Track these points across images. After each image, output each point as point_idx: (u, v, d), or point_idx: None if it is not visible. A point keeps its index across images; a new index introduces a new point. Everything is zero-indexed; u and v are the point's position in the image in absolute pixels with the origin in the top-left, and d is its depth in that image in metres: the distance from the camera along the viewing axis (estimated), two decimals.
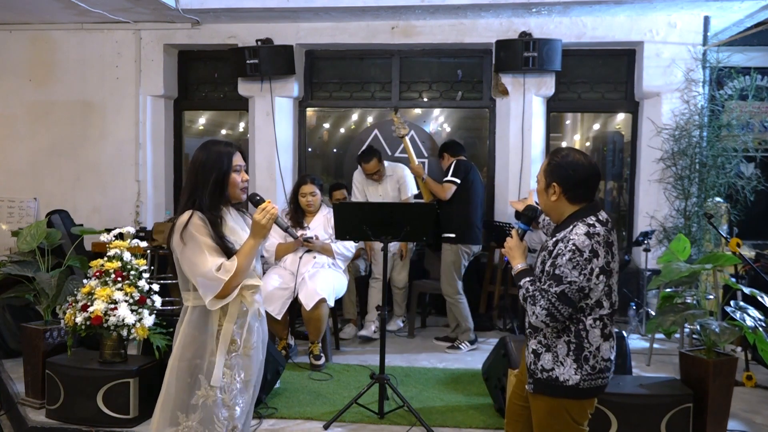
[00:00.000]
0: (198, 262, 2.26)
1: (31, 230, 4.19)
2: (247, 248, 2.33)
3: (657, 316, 3.81)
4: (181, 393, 2.33)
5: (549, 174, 2.34)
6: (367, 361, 4.87)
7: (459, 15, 6.05)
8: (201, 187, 2.36)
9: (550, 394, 2.30)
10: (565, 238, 2.23)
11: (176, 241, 2.31)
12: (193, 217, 2.30)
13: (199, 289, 2.29)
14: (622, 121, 6.87)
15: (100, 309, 3.47)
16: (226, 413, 2.35)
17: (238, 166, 2.42)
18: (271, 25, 6.35)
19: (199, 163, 2.39)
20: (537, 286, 2.26)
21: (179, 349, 2.35)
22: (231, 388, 2.36)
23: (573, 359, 2.27)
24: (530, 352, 2.35)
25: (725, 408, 3.42)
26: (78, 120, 6.71)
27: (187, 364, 2.33)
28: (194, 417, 2.31)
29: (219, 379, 2.32)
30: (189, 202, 2.36)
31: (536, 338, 2.33)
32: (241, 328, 2.38)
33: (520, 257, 2.40)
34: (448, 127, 7.14)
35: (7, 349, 4.77)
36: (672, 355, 4.78)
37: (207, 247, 2.28)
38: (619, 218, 6.76)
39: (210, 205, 2.35)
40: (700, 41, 5.93)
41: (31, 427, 3.68)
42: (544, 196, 2.36)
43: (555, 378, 2.28)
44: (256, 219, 2.34)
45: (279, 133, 6.50)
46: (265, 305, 4.64)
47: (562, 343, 2.28)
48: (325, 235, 4.96)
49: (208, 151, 2.41)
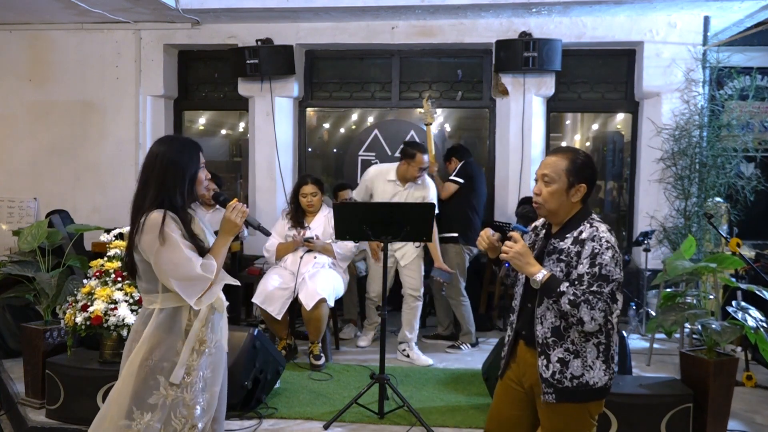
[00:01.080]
0: (181, 262, 2.22)
1: (32, 230, 4.19)
2: (219, 246, 2.32)
3: (658, 316, 3.81)
4: (140, 392, 2.28)
5: (574, 174, 2.26)
6: (367, 361, 4.87)
7: (459, 15, 6.05)
8: (171, 186, 2.29)
9: (579, 400, 2.23)
10: (596, 237, 2.19)
11: (149, 241, 2.24)
12: (166, 217, 2.25)
13: (180, 290, 2.24)
14: (622, 121, 6.87)
15: (100, 309, 3.46)
16: (185, 412, 2.31)
17: (202, 163, 2.40)
18: (271, 25, 6.35)
19: (168, 161, 2.31)
20: (583, 290, 2.14)
21: (144, 352, 2.28)
22: (193, 387, 2.32)
23: (602, 360, 2.23)
24: (554, 362, 2.23)
25: (725, 408, 3.42)
26: (78, 120, 6.71)
27: (151, 367, 2.28)
28: (152, 416, 2.27)
29: (179, 377, 2.28)
30: (158, 200, 2.29)
31: (562, 346, 2.22)
32: (210, 328, 2.36)
33: (535, 263, 2.24)
34: (449, 127, 7.14)
35: (7, 349, 4.76)
36: (672, 355, 4.78)
37: (186, 246, 2.25)
38: (619, 218, 6.76)
39: (182, 204, 2.31)
40: (700, 41, 5.93)
41: (31, 427, 3.67)
42: (564, 196, 2.26)
43: (585, 383, 2.21)
44: (226, 217, 2.33)
45: (279, 133, 6.50)
46: (265, 305, 4.69)
47: (591, 346, 2.22)
48: (325, 235, 4.96)
49: (176, 149, 2.35)
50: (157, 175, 2.31)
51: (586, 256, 2.18)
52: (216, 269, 2.27)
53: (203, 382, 2.35)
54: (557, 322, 2.23)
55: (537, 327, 2.27)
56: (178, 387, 2.29)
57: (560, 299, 2.16)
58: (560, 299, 2.16)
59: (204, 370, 2.35)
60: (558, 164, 2.28)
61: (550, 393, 2.23)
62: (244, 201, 6.98)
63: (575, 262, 2.20)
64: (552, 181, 2.27)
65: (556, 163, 2.28)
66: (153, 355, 2.29)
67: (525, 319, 2.36)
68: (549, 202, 2.28)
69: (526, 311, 2.35)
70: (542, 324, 2.26)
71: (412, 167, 4.82)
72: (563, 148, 2.38)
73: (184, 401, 2.31)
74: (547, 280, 2.19)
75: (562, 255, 2.24)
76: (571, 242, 2.24)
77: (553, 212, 2.30)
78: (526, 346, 2.37)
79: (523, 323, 2.37)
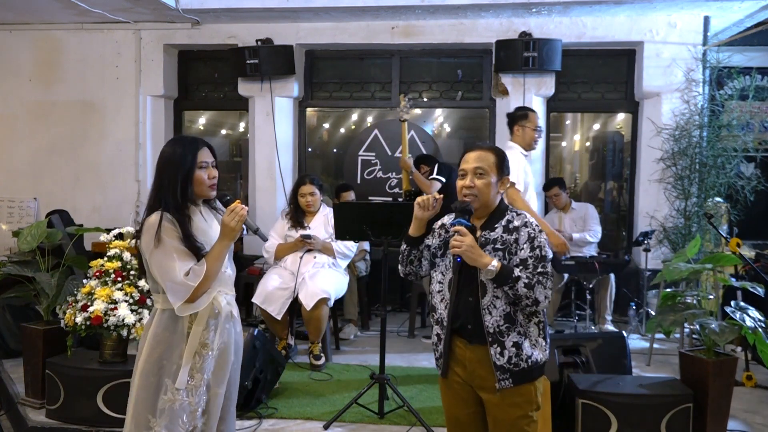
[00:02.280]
0: (167, 267, 2.22)
1: (31, 230, 4.19)
2: (216, 251, 2.29)
3: (657, 316, 3.81)
4: (150, 396, 2.29)
5: (500, 167, 2.40)
6: (367, 361, 4.87)
7: (459, 15, 6.06)
8: (166, 186, 2.30)
9: (532, 379, 2.32)
10: (528, 223, 2.34)
11: (146, 243, 2.26)
12: (163, 219, 2.25)
13: (168, 294, 2.24)
14: (622, 121, 6.87)
15: (100, 309, 3.47)
16: (190, 417, 2.30)
17: (204, 162, 2.34)
18: (271, 25, 6.35)
19: (164, 161, 2.32)
20: (531, 272, 2.26)
21: (147, 351, 2.30)
22: (197, 391, 2.31)
23: (542, 337, 2.36)
24: (509, 347, 2.28)
25: (725, 408, 3.42)
26: (78, 120, 6.71)
27: (153, 366, 2.29)
28: (161, 421, 2.27)
29: (184, 382, 2.27)
30: (156, 202, 2.30)
31: (515, 330, 2.29)
32: (212, 331, 2.34)
33: (485, 254, 2.28)
34: (448, 127, 7.14)
35: (7, 349, 4.76)
36: (672, 355, 4.78)
37: (176, 251, 2.23)
38: (619, 218, 6.76)
39: (176, 204, 2.29)
40: (700, 41, 5.93)
41: (31, 427, 3.67)
42: (494, 188, 2.38)
43: (535, 361, 2.31)
44: (224, 221, 2.29)
45: (279, 133, 6.50)
46: (265, 305, 4.69)
47: (533, 325, 2.33)
48: (325, 235, 4.96)
49: (173, 149, 2.34)
50: (156, 176, 2.35)
51: (524, 241, 2.31)
52: (205, 276, 2.23)
53: (206, 384, 2.35)
54: (508, 309, 2.29)
55: (485, 318, 2.29)
56: (185, 391, 2.29)
57: (516, 284, 2.25)
58: (516, 284, 2.25)
59: (207, 373, 2.34)
60: (487, 158, 2.39)
61: (506, 379, 2.29)
62: (244, 201, 6.98)
63: (514, 248, 2.31)
64: (485, 173, 2.37)
65: (486, 157, 2.39)
66: (153, 353, 2.30)
67: (466, 313, 2.33)
68: (484, 193, 2.37)
69: (466, 305, 2.33)
70: (491, 314, 2.29)
71: (528, 128, 4.34)
72: (483, 145, 2.49)
73: (190, 405, 2.31)
74: (501, 269, 2.26)
75: (497, 244, 2.33)
76: (502, 231, 2.34)
77: (485, 204, 2.39)
78: (467, 345, 2.34)
79: (465, 318, 2.33)
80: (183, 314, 2.27)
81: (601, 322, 5.70)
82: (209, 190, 2.39)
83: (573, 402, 3.33)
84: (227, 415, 2.48)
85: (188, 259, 2.25)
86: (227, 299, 2.42)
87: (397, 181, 6.53)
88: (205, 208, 2.46)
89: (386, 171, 6.62)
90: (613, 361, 3.71)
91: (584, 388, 3.31)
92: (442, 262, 2.44)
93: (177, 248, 2.24)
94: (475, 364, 2.34)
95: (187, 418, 2.30)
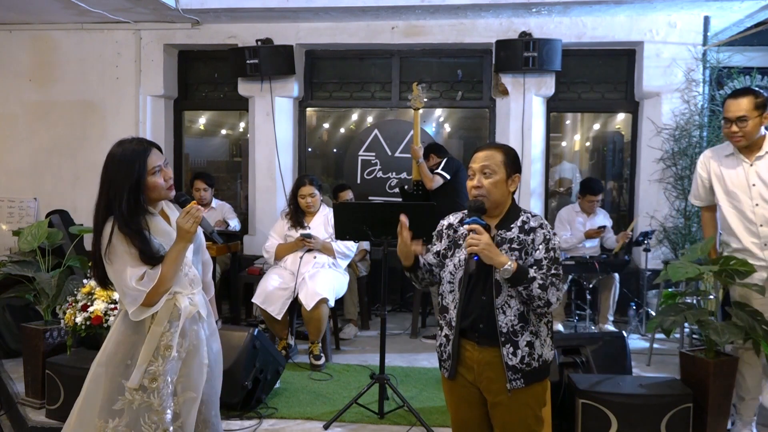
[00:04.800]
0: (120, 273, 2.20)
1: (32, 230, 4.19)
2: (173, 255, 2.24)
3: (657, 315, 3.80)
4: (104, 398, 2.25)
5: (510, 165, 2.38)
6: (367, 361, 4.87)
7: (459, 15, 6.05)
8: (114, 198, 2.24)
9: (542, 378, 2.34)
10: (543, 225, 2.35)
11: (103, 249, 2.24)
12: (115, 227, 2.22)
13: (123, 299, 2.23)
14: (622, 121, 6.87)
15: (100, 309, 3.47)
16: (154, 417, 2.26)
17: (155, 167, 2.28)
18: (271, 25, 6.35)
19: (109, 172, 2.27)
20: (545, 273, 2.27)
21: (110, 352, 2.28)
22: (161, 393, 2.27)
23: (550, 336, 2.38)
24: (522, 347, 2.27)
25: (725, 408, 3.42)
26: (78, 120, 6.71)
27: (115, 367, 2.26)
28: (118, 422, 2.23)
29: (136, 381, 2.23)
30: (107, 209, 2.26)
31: (528, 330, 2.29)
32: (175, 333, 2.30)
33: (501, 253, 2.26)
34: (449, 127, 7.14)
35: (7, 349, 4.76)
36: (672, 355, 4.77)
37: (130, 256, 2.20)
38: (619, 218, 6.76)
39: (129, 215, 2.23)
40: (700, 41, 5.93)
41: (31, 427, 3.68)
42: (504, 186, 2.36)
43: (545, 360, 2.34)
44: (179, 223, 2.23)
45: (279, 133, 6.50)
46: (265, 305, 4.69)
47: (543, 325, 2.35)
48: (325, 235, 4.96)
49: (116, 159, 2.28)
50: (103, 186, 2.30)
51: (540, 242, 2.31)
52: (160, 279, 2.19)
53: (172, 387, 2.30)
54: (521, 308, 2.29)
55: (499, 317, 2.28)
56: (143, 391, 2.25)
57: (531, 285, 2.24)
58: (531, 285, 2.24)
59: (172, 375, 2.29)
60: (495, 157, 2.37)
61: (518, 379, 2.28)
62: (244, 201, 6.98)
63: (530, 248, 2.31)
64: (493, 172, 2.35)
65: (493, 156, 2.37)
66: (119, 353, 2.27)
67: (479, 312, 2.31)
68: (493, 192, 2.34)
69: (479, 305, 2.31)
70: (505, 313, 2.28)
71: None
72: (492, 144, 2.48)
73: (151, 406, 2.26)
74: (517, 269, 2.24)
75: (513, 244, 2.32)
76: (518, 231, 2.34)
77: (496, 203, 2.37)
78: (475, 347, 2.33)
79: (476, 317, 2.32)
80: (138, 318, 2.23)
81: (602, 321, 5.69)
82: (167, 192, 2.34)
83: (573, 402, 3.34)
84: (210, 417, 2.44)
85: (143, 264, 2.21)
86: (191, 300, 2.36)
87: (397, 181, 6.54)
88: (169, 207, 2.43)
89: (386, 171, 6.62)
90: (613, 361, 3.72)
91: (584, 388, 3.31)
92: (450, 262, 2.41)
93: (131, 253, 2.21)
94: (483, 366, 2.32)
95: (149, 419, 2.25)
